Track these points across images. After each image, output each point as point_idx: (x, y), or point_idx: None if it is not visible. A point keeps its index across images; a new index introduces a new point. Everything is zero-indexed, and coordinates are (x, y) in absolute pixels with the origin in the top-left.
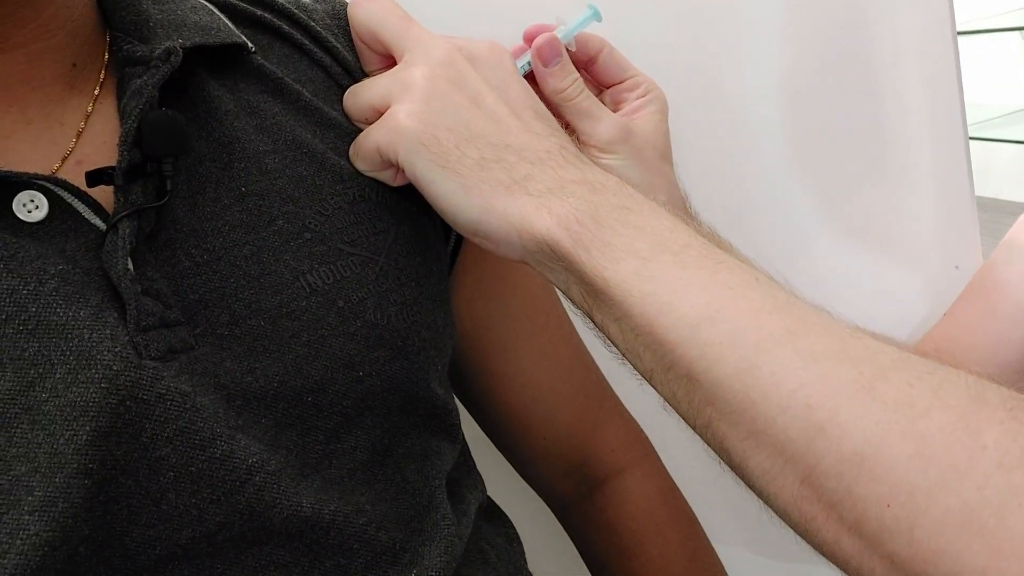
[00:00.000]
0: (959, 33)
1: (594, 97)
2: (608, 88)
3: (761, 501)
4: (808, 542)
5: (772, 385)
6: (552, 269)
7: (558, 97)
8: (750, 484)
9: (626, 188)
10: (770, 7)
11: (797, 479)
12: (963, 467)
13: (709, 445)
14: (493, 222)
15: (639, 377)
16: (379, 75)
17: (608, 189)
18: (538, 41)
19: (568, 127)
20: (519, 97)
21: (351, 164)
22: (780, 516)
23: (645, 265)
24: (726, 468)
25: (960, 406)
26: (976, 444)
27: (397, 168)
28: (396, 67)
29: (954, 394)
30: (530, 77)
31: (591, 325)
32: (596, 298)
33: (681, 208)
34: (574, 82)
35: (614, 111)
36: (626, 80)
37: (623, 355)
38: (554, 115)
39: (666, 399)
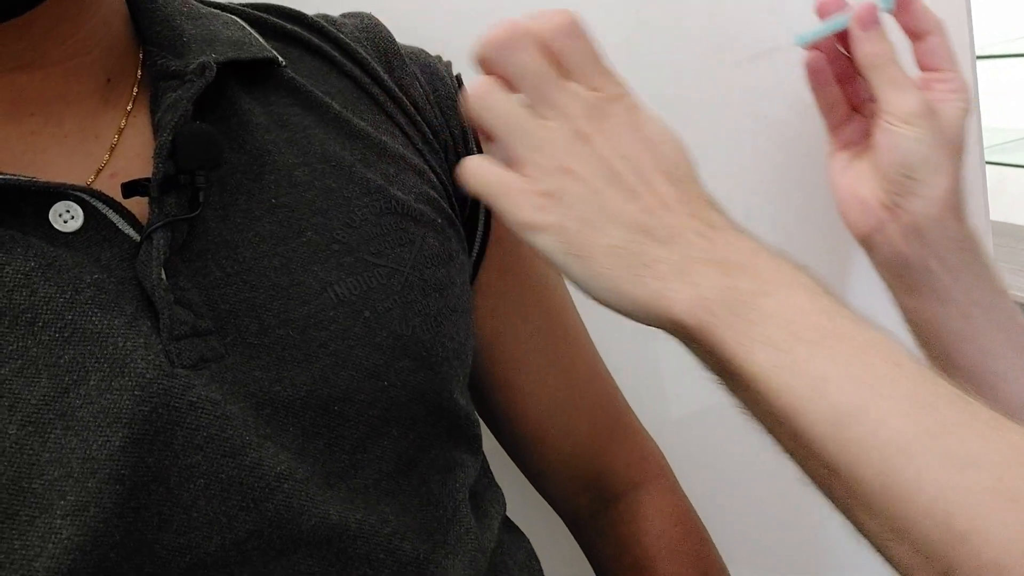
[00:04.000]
0: (978, 57)
1: (903, 68)
2: (923, 71)
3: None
4: None
5: (914, 491)
6: (691, 347)
7: (869, 60)
8: (892, 566)
9: (760, 261)
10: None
11: (938, 574)
12: None
13: (850, 524)
14: (625, 305)
15: (656, 396)
16: (518, 123)
17: (742, 270)
18: (861, 7)
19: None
20: (648, 160)
21: (377, 176)
22: None
23: (781, 357)
24: (744, 488)
25: None
26: None
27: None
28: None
29: None
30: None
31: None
32: (734, 380)
33: (955, 210)
34: (888, 49)
35: None
36: (944, 71)
37: (770, 436)
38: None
39: (805, 475)
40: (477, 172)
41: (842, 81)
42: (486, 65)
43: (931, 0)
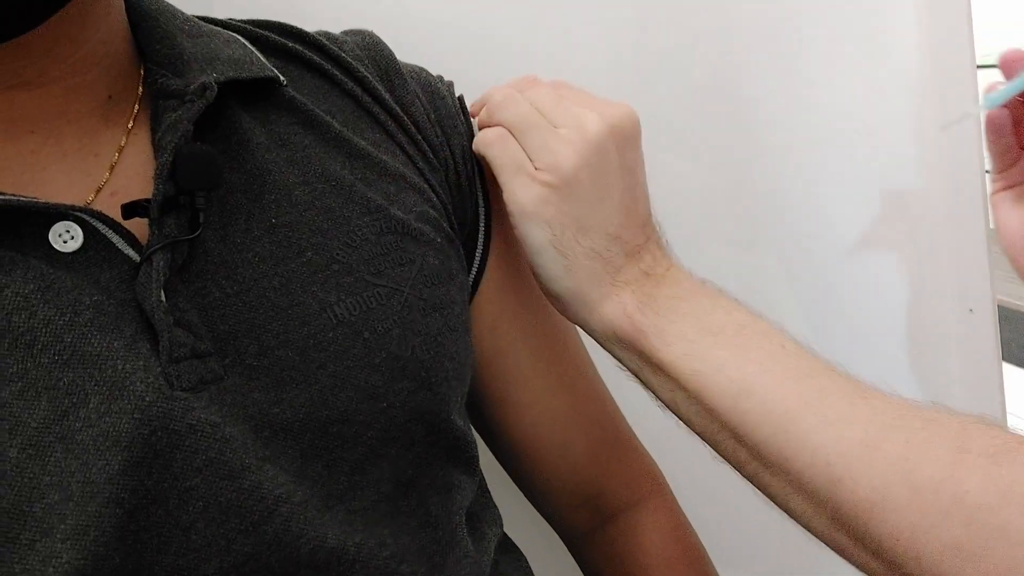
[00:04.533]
0: (978, 67)
1: None
2: None
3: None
4: (846, 560)
5: (799, 447)
6: (618, 349)
7: None
8: (794, 518)
9: (678, 276)
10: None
11: (827, 518)
12: (951, 510)
13: (757, 488)
14: (576, 302)
15: (660, 415)
16: (538, 122)
17: (665, 280)
18: None
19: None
20: (640, 181)
21: (378, 195)
22: (820, 540)
23: (692, 347)
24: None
25: (946, 458)
26: (959, 489)
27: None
28: (546, 124)
29: (942, 447)
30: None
31: (655, 399)
32: (656, 374)
33: None
34: None
35: None
36: None
37: (683, 420)
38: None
39: (718, 453)
40: (495, 142)
41: (1016, 125)
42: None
43: (933, 8)
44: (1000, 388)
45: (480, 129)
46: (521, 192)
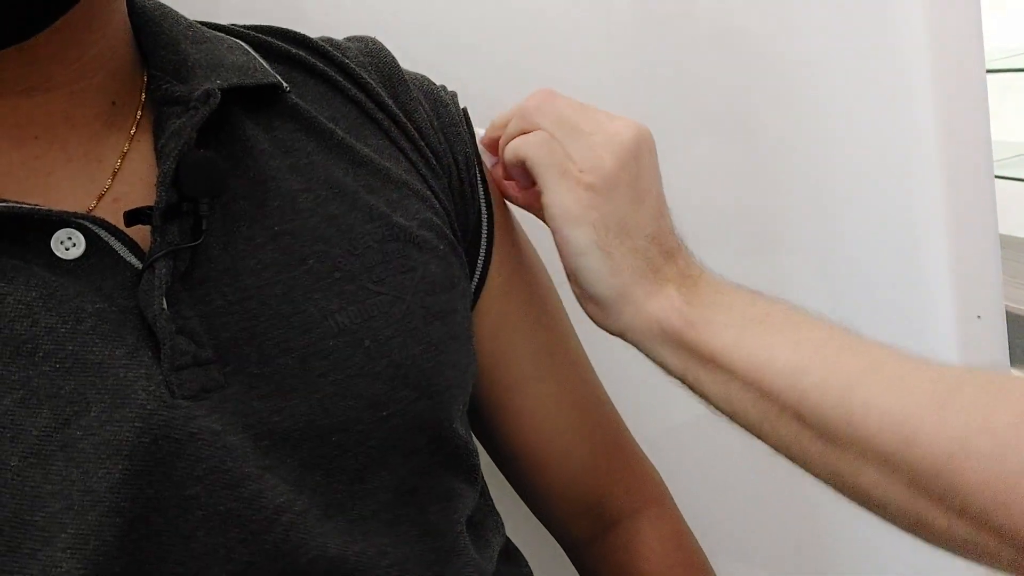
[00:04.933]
0: (987, 71)
1: None
2: None
3: (875, 513)
4: (923, 537)
5: (866, 412)
6: (666, 348)
7: None
8: (865, 498)
9: (711, 277)
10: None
11: (903, 484)
12: None
13: (821, 477)
14: (620, 301)
15: (660, 421)
16: (576, 126)
17: (701, 279)
18: None
19: None
20: (661, 189)
21: (381, 203)
22: (893, 521)
23: (742, 334)
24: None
25: (1020, 402)
26: None
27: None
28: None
29: (1015, 392)
30: None
31: (706, 402)
32: (706, 367)
33: None
34: None
35: None
36: None
37: (738, 414)
38: None
39: (776, 447)
40: (540, 144)
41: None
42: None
43: (941, 12)
44: None
45: (510, 136)
46: (567, 195)
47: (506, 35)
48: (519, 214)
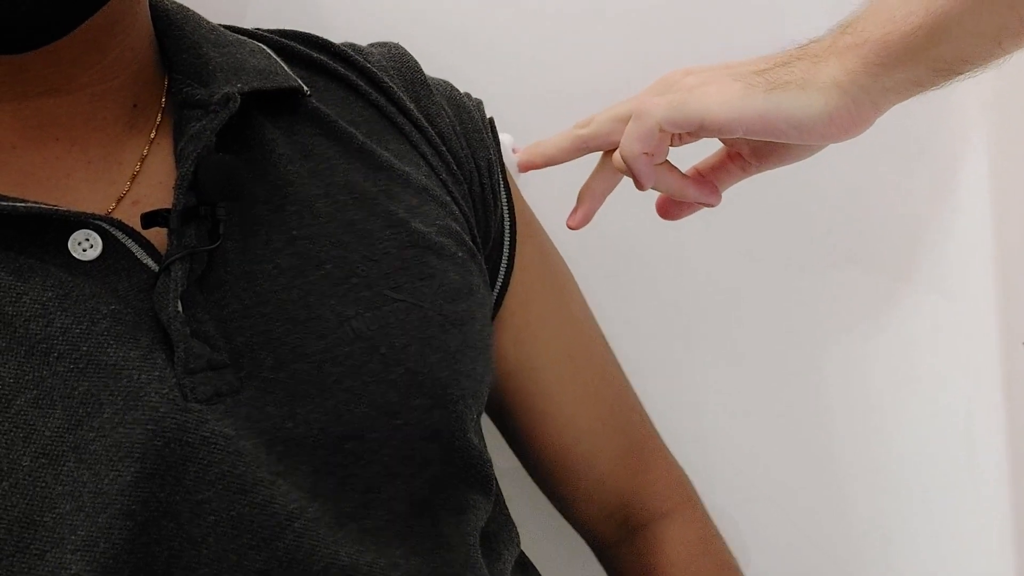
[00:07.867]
0: None
1: None
2: None
3: None
4: None
5: None
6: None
7: None
8: None
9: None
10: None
11: None
12: None
13: None
14: (819, 100)
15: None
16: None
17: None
18: None
19: None
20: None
21: (400, 208)
22: None
23: (896, 13)
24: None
25: None
26: None
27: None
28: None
29: None
30: None
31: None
32: (904, 63)
33: None
34: None
35: None
36: None
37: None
38: None
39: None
40: (654, 106)
41: None
42: None
43: None
44: None
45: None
46: (719, 107)
47: (534, 42)
48: (543, 219)
